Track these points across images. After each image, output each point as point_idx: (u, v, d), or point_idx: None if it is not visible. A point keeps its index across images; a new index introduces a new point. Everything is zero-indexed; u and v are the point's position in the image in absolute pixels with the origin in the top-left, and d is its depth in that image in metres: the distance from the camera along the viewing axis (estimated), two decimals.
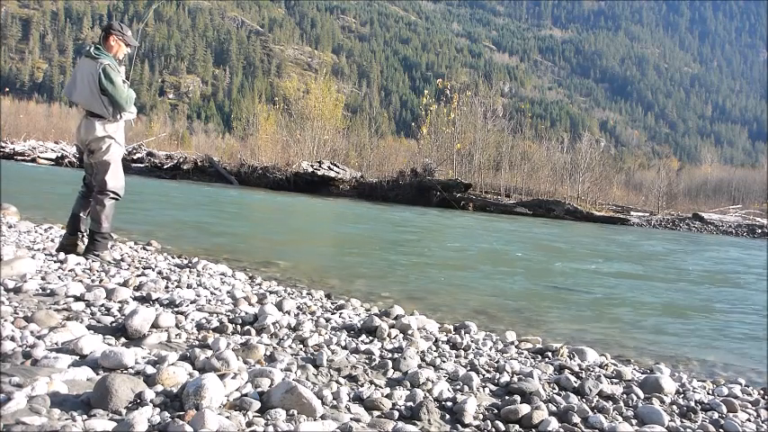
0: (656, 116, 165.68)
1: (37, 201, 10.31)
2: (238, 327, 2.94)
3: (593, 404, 2.33)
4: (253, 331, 2.87)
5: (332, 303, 3.91)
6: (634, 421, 2.21)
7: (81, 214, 4.36)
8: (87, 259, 4.16)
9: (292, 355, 2.59)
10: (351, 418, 1.92)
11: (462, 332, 3.42)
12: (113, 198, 4.30)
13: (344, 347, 2.77)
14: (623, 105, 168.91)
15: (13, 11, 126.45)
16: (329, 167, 27.49)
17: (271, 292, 4.04)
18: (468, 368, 2.68)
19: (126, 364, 2.10)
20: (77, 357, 2.16)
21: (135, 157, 30.92)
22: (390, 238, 10.51)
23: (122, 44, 4.25)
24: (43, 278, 3.46)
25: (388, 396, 2.17)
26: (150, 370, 2.07)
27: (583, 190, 33.69)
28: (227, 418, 1.72)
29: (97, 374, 2.01)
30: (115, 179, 4.28)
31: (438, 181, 25.38)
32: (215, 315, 3.08)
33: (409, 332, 3.15)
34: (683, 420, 2.30)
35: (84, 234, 4.40)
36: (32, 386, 1.77)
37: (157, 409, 1.74)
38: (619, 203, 34.74)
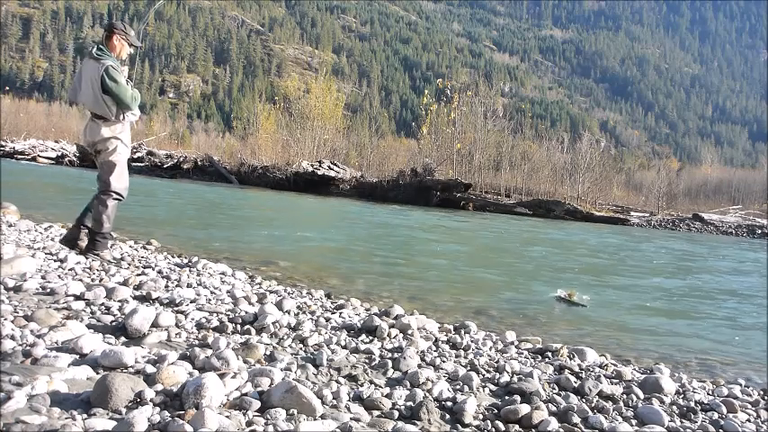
0: (657, 116, 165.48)
1: (37, 200, 10.31)
2: (238, 326, 2.94)
3: (593, 404, 2.33)
4: (253, 331, 2.87)
5: (332, 303, 3.91)
6: (634, 421, 2.21)
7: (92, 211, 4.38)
8: (87, 258, 4.16)
9: (292, 354, 2.59)
10: (351, 418, 1.92)
11: (462, 332, 3.42)
12: (116, 199, 4.30)
13: (344, 347, 2.78)
14: (623, 105, 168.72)
15: (14, 10, 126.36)
16: (329, 167, 27.47)
17: (271, 292, 4.03)
18: (468, 368, 2.68)
19: (126, 364, 2.10)
20: (77, 356, 2.16)
21: (135, 157, 30.88)
22: (388, 238, 10.51)
23: (125, 44, 4.24)
24: (43, 277, 3.46)
25: (388, 396, 2.17)
26: (150, 369, 2.07)
27: (583, 190, 33.70)
28: (227, 417, 1.72)
29: (97, 373, 2.01)
30: (119, 180, 4.28)
31: (438, 181, 25.35)
32: (215, 314, 3.08)
33: (409, 332, 3.15)
34: (683, 421, 2.30)
35: (88, 229, 4.41)
36: (32, 385, 1.77)
37: (157, 409, 1.74)
38: (619, 204, 34.76)
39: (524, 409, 2.12)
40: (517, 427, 2.05)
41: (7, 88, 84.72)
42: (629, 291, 6.38)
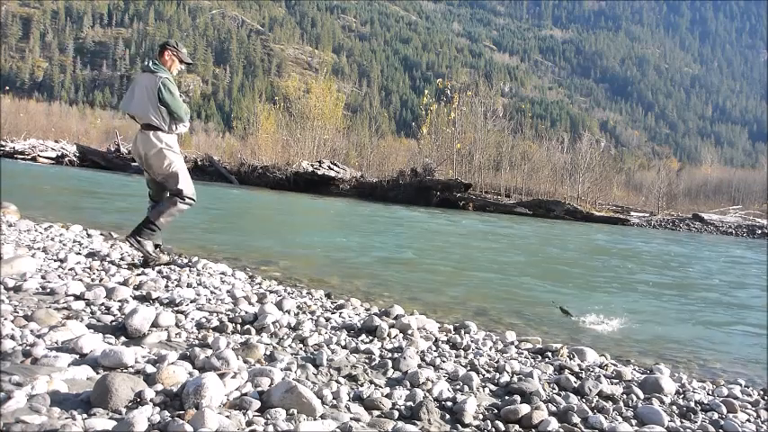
0: (657, 116, 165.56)
1: (37, 199, 10.31)
2: (238, 326, 2.94)
3: (592, 404, 2.33)
4: (253, 330, 2.88)
5: (332, 303, 3.91)
6: (634, 421, 2.21)
7: None
8: (128, 242, 4.20)
9: (292, 354, 2.59)
10: (351, 418, 1.92)
11: (462, 332, 3.42)
12: (189, 204, 4.39)
13: (344, 347, 2.78)
14: (623, 106, 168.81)
15: (14, 9, 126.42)
16: (329, 167, 27.47)
17: (271, 292, 4.03)
18: (468, 368, 2.68)
19: (126, 363, 2.10)
20: (77, 356, 2.16)
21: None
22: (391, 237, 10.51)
23: (176, 60, 4.40)
24: (43, 277, 3.46)
25: (388, 396, 2.17)
26: (150, 369, 2.07)
27: (583, 190, 33.69)
28: (227, 417, 1.73)
29: (97, 373, 2.01)
30: (188, 186, 4.37)
31: (438, 181, 25.35)
32: (215, 314, 3.08)
33: (409, 332, 3.15)
34: (683, 421, 2.30)
35: (161, 247, 4.51)
36: (32, 385, 1.77)
37: (157, 408, 1.74)
38: (619, 204, 34.75)
39: (524, 409, 2.13)
40: (517, 427, 2.05)
41: (7, 88, 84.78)
42: (626, 290, 6.39)
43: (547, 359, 3.04)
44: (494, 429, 2.01)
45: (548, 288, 5.98)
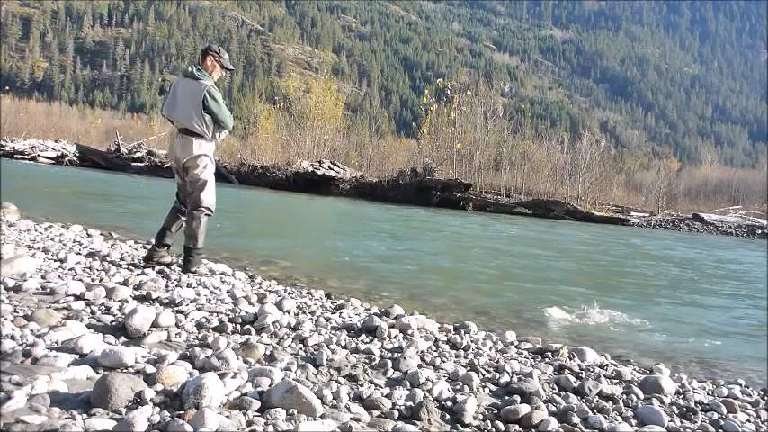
0: (657, 117, 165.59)
1: (37, 199, 10.30)
2: (238, 326, 2.94)
3: (592, 404, 2.33)
4: (253, 330, 2.88)
5: (332, 303, 3.91)
6: (634, 421, 2.21)
7: (172, 229, 4.46)
8: (186, 274, 4.21)
9: (292, 354, 2.59)
10: (351, 418, 1.92)
11: (462, 332, 3.42)
12: (207, 215, 4.40)
13: (344, 347, 2.78)
14: (623, 106, 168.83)
15: (14, 9, 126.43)
16: (329, 167, 27.46)
17: (271, 292, 4.03)
18: (468, 368, 2.68)
19: (126, 363, 2.10)
20: (77, 356, 2.16)
21: (135, 156, 30.88)
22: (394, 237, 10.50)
23: (218, 66, 4.37)
24: (43, 277, 3.47)
25: (388, 396, 2.17)
26: (150, 369, 2.07)
27: (583, 190, 33.69)
28: (227, 417, 1.73)
29: (97, 373, 2.01)
30: (210, 196, 4.38)
31: (438, 181, 25.35)
32: (215, 314, 3.08)
33: (409, 332, 3.15)
34: (683, 421, 2.30)
35: (170, 247, 4.50)
36: (32, 385, 1.77)
37: (157, 408, 1.74)
38: (619, 204, 34.75)
39: (524, 409, 2.13)
40: (517, 427, 2.05)
41: (7, 88, 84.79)
42: (624, 289, 6.39)
43: (547, 359, 3.04)
44: (494, 429, 2.01)
45: (548, 288, 5.98)
